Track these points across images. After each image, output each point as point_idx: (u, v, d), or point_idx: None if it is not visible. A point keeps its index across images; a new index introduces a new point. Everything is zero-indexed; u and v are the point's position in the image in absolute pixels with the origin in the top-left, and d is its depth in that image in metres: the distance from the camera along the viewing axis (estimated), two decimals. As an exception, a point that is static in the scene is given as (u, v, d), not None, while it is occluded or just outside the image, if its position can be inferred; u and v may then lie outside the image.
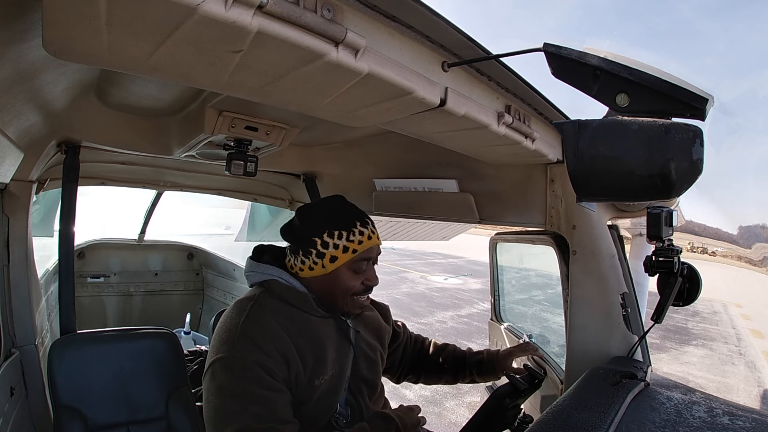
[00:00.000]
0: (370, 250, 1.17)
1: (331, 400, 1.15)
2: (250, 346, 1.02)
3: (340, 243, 1.13)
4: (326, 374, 1.12)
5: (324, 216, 1.17)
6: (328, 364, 1.13)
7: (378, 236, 1.21)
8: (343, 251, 1.13)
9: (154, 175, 2.32)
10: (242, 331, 1.05)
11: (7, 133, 1.01)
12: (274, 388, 1.01)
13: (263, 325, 1.07)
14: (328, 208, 1.20)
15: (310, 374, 1.09)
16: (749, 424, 0.84)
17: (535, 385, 1.24)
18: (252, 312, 1.10)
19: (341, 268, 1.14)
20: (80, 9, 0.47)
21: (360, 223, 1.17)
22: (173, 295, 3.51)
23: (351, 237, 1.14)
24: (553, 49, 0.74)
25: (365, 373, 1.24)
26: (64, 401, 1.38)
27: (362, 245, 1.14)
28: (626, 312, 1.27)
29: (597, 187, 0.99)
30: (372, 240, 1.17)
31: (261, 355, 1.02)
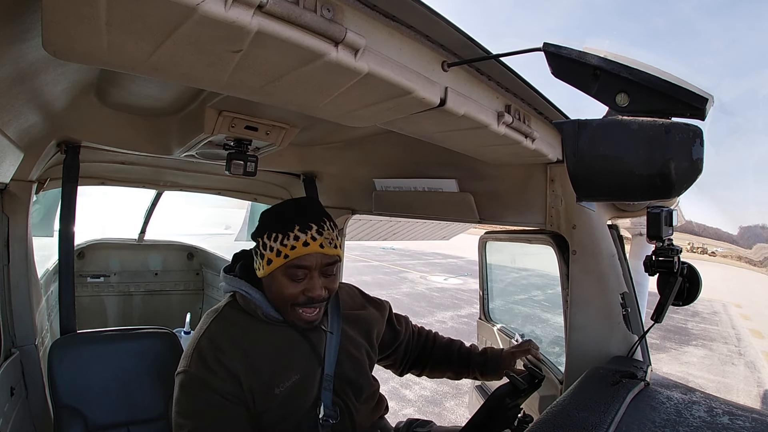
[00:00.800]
0: (305, 258, 1.09)
1: (298, 404, 1.14)
2: (199, 365, 1.08)
3: (275, 246, 1.10)
4: (287, 381, 1.13)
5: (272, 217, 1.16)
6: (288, 371, 1.13)
7: (323, 244, 1.11)
8: (276, 255, 1.09)
9: (153, 174, 2.32)
10: (197, 347, 1.11)
11: (6, 133, 1.01)
12: (219, 406, 1.06)
13: (217, 342, 1.11)
14: (280, 210, 1.17)
15: (267, 384, 1.10)
16: (749, 423, 0.84)
17: (535, 384, 1.24)
18: (211, 326, 1.15)
19: (276, 272, 1.11)
20: (80, 9, 0.47)
21: (300, 228, 1.10)
22: (173, 294, 3.51)
23: (285, 241, 1.09)
24: (552, 49, 0.74)
25: (350, 375, 1.24)
26: (64, 401, 1.38)
27: (294, 251, 1.08)
28: (626, 312, 1.27)
29: (597, 187, 0.99)
30: (309, 247, 1.09)
31: (208, 374, 1.07)
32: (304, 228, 1.10)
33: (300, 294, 1.11)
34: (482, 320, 2.40)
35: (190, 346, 1.14)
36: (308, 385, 1.17)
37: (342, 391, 1.22)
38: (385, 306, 1.49)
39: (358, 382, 1.27)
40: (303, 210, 1.16)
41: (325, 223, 1.15)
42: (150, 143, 1.56)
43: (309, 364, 1.18)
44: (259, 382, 1.10)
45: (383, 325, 1.45)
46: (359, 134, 1.64)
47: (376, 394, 1.35)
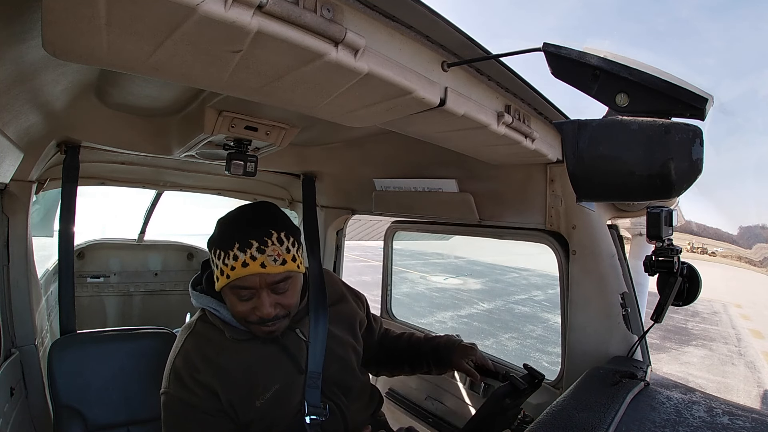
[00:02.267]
0: (245, 279, 1.02)
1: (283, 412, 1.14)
2: (177, 385, 1.09)
3: (219, 264, 1.05)
4: (268, 392, 1.12)
5: (218, 229, 1.11)
6: (268, 382, 1.13)
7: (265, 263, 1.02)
8: (221, 273, 1.05)
9: (153, 175, 2.32)
10: (173, 367, 1.12)
11: (6, 133, 1.01)
12: (203, 422, 1.08)
13: (191, 361, 1.11)
14: (227, 221, 1.12)
15: (247, 397, 1.10)
16: (749, 423, 0.84)
17: (535, 385, 1.24)
18: (185, 344, 1.15)
19: (225, 290, 1.07)
20: (80, 9, 0.47)
21: (239, 246, 1.02)
22: (173, 295, 3.50)
23: (226, 260, 1.03)
24: (552, 49, 0.74)
25: (336, 376, 1.24)
26: (64, 401, 1.38)
27: (234, 272, 1.02)
28: (626, 312, 1.27)
29: (597, 187, 0.99)
30: (248, 268, 1.01)
31: (187, 394, 1.08)
32: (243, 246, 1.02)
33: (250, 312, 1.07)
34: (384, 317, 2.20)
35: (168, 364, 1.14)
36: (291, 392, 1.16)
37: (330, 392, 1.22)
38: (362, 298, 1.48)
39: (346, 382, 1.27)
40: (247, 223, 1.08)
41: (271, 236, 1.06)
42: (150, 143, 1.56)
43: (289, 372, 1.17)
44: (238, 396, 1.09)
45: (364, 317, 1.43)
46: (359, 134, 1.64)
47: (367, 387, 1.35)
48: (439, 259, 16.51)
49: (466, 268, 14.51)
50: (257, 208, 1.14)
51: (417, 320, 7.63)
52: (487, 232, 1.60)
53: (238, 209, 1.15)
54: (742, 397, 5.33)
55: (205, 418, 1.08)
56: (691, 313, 9.99)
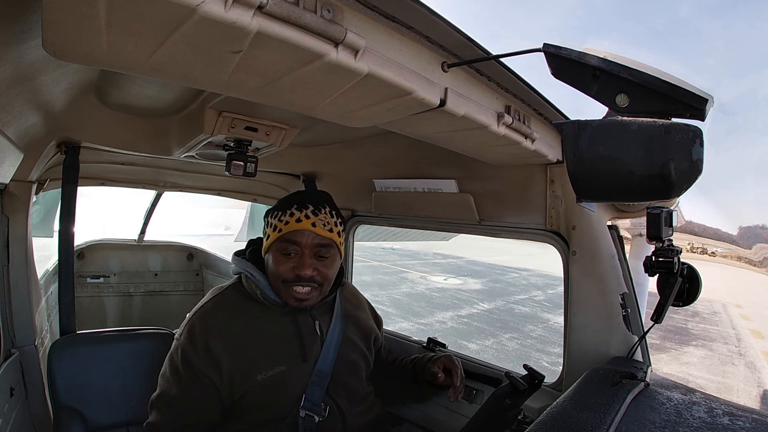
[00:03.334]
0: (295, 233, 1.16)
1: (281, 394, 1.17)
2: (188, 339, 1.17)
3: (273, 222, 1.20)
4: (272, 370, 1.17)
5: (281, 199, 1.26)
6: (274, 360, 1.18)
7: (315, 223, 1.17)
8: (272, 229, 1.19)
9: (153, 175, 2.32)
10: (190, 321, 1.21)
11: (6, 133, 1.01)
12: (191, 379, 1.14)
13: (208, 319, 1.20)
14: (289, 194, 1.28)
15: (249, 368, 1.15)
16: (749, 424, 0.83)
17: (536, 385, 1.23)
18: (209, 303, 1.24)
19: (271, 248, 1.19)
20: (80, 9, 0.47)
21: (297, 206, 1.18)
22: (173, 295, 3.50)
23: (282, 217, 1.18)
24: (552, 50, 0.74)
25: (345, 379, 1.26)
26: (63, 402, 1.38)
27: (288, 226, 1.16)
28: (626, 312, 1.27)
29: (597, 188, 0.99)
30: (301, 224, 1.16)
31: (191, 350, 1.16)
32: (301, 207, 1.19)
33: (290, 271, 1.17)
34: None
35: (187, 317, 1.23)
36: (294, 380, 1.19)
37: (335, 393, 1.24)
38: (380, 320, 1.54)
39: (353, 386, 1.28)
40: (307, 195, 1.25)
41: (324, 208, 1.21)
42: (150, 144, 1.56)
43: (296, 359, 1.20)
44: (242, 365, 1.15)
45: (379, 336, 1.48)
46: (359, 135, 1.64)
47: (371, 396, 1.37)
48: (439, 259, 16.51)
49: (466, 268, 14.51)
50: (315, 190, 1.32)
51: (417, 320, 7.64)
52: (490, 231, 1.59)
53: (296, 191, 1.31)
54: (742, 398, 5.33)
55: (195, 377, 1.14)
56: (691, 314, 9.99)
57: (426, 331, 7.05)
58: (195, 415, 1.15)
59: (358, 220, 2.08)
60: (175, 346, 1.20)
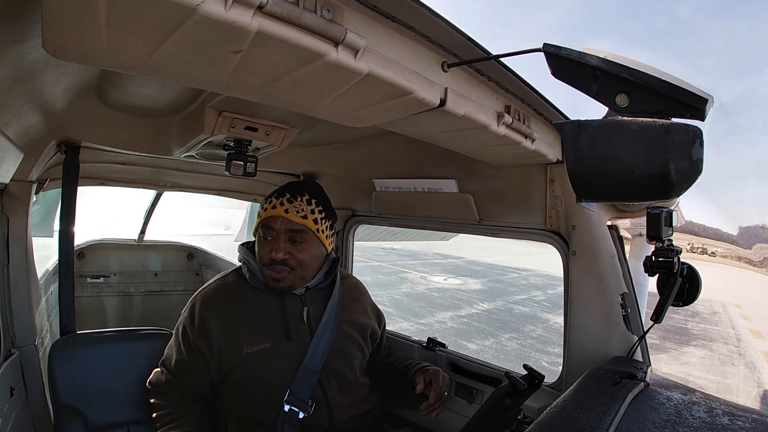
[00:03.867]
0: (270, 219, 1.28)
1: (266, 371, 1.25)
2: (187, 315, 1.33)
3: (259, 210, 1.34)
4: (257, 345, 1.26)
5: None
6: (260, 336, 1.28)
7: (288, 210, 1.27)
8: (257, 216, 1.33)
9: (153, 175, 2.31)
10: (193, 300, 1.35)
11: (6, 133, 1.01)
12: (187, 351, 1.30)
13: (207, 299, 1.33)
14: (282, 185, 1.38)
15: (237, 341, 1.26)
16: (749, 424, 0.84)
17: (535, 385, 1.23)
18: (211, 285, 1.38)
19: (256, 234, 1.33)
20: (80, 9, 0.47)
21: (277, 195, 1.31)
22: (173, 295, 3.50)
23: (264, 205, 1.32)
24: (552, 50, 0.74)
25: (336, 365, 1.31)
26: (64, 401, 1.38)
27: (266, 212, 1.29)
28: (626, 312, 1.27)
29: (596, 188, 0.99)
30: (276, 210, 1.27)
31: (189, 324, 1.31)
32: (279, 195, 1.30)
33: (267, 254, 1.28)
34: None
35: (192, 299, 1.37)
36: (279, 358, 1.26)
37: (326, 381, 1.29)
38: (381, 318, 1.56)
39: (344, 374, 1.33)
40: (291, 184, 1.36)
41: (302, 196, 1.31)
42: (150, 144, 1.56)
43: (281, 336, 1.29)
44: (230, 339, 1.27)
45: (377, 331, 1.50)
46: (359, 135, 1.64)
47: (363, 389, 1.39)
48: (439, 259, 16.51)
49: (466, 268, 14.50)
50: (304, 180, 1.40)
51: (417, 320, 7.63)
52: (490, 231, 1.59)
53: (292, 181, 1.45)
54: (742, 398, 5.33)
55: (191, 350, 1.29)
56: (690, 314, 9.99)
57: (426, 331, 7.05)
58: (188, 380, 1.31)
59: (357, 219, 2.08)
60: (180, 321, 1.35)
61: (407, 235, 5.51)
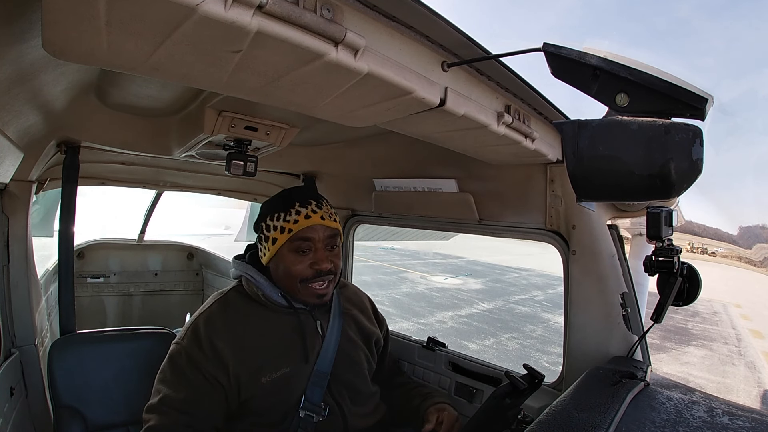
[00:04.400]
0: (308, 230, 1.16)
1: (285, 396, 1.17)
2: (191, 341, 1.15)
3: (278, 224, 1.17)
4: (276, 373, 1.16)
5: (272, 201, 1.24)
6: (279, 362, 1.17)
7: (324, 216, 1.18)
8: (280, 232, 1.16)
9: (153, 175, 2.32)
10: (194, 324, 1.18)
11: (6, 133, 1.01)
12: (197, 383, 1.11)
13: (213, 322, 1.17)
14: (280, 195, 1.25)
15: (255, 371, 1.14)
16: (749, 424, 0.84)
17: (535, 384, 1.23)
18: (213, 306, 1.22)
19: (282, 250, 1.17)
20: (80, 9, 0.47)
21: (300, 204, 1.18)
22: (173, 295, 3.50)
23: (287, 217, 1.16)
24: (552, 49, 0.74)
25: (346, 377, 1.25)
26: (63, 401, 1.38)
27: (297, 224, 1.16)
28: (626, 312, 1.27)
29: (596, 187, 0.99)
30: (311, 219, 1.16)
31: (197, 352, 1.13)
32: (304, 203, 1.18)
33: (307, 268, 1.17)
34: None
35: (189, 322, 1.21)
36: (297, 381, 1.19)
37: (338, 393, 1.23)
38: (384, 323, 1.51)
39: (356, 385, 1.28)
40: (300, 191, 1.25)
41: (322, 200, 1.23)
42: (150, 143, 1.56)
43: (300, 360, 1.20)
44: (248, 368, 1.14)
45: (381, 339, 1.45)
46: (359, 134, 1.64)
47: (375, 397, 1.35)
48: (440, 259, 16.51)
49: (466, 268, 14.50)
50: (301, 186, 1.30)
51: (417, 320, 7.63)
52: (490, 231, 1.59)
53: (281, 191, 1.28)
54: (742, 398, 5.33)
55: (202, 381, 1.11)
56: (691, 313, 9.99)
57: (426, 331, 7.05)
58: (203, 418, 1.11)
59: (358, 219, 2.08)
60: (177, 350, 1.16)
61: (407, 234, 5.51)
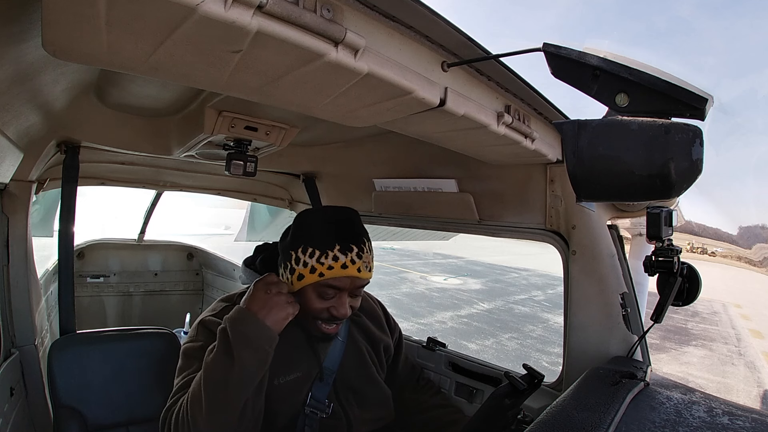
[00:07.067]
0: (339, 280, 1.07)
1: (295, 399, 1.17)
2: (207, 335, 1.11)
3: (310, 262, 1.06)
4: (289, 376, 1.15)
5: (309, 229, 1.12)
6: (291, 366, 1.16)
7: (360, 268, 1.09)
8: (310, 271, 1.06)
9: (153, 175, 2.32)
10: (204, 322, 1.15)
11: (6, 133, 1.01)
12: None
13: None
14: (319, 222, 1.14)
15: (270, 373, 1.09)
16: (749, 424, 0.83)
17: (535, 385, 1.23)
18: (223, 310, 1.16)
19: (307, 288, 1.09)
20: (80, 9, 0.47)
21: (340, 248, 1.07)
22: (173, 295, 3.50)
23: (322, 259, 1.06)
24: (552, 49, 0.74)
25: (353, 382, 1.25)
26: (63, 401, 1.38)
27: (332, 271, 1.06)
28: (626, 312, 1.27)
29: (596, 187, 0.99)
30: (347, 270, 1.06)
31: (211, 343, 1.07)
32: (345, 249, 1.07)
33: (324, 311, 1.11)
34: None
35: (197, 322, 1.18)
36: (306, 385, 1.20)
37: (344, 397, 1.24)
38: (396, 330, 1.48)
39: (363, 391, 1.27)
40: (344, 227, 1.11)
41: (365, 244, 1.12)
42: (150, 143, 1.56)
43: (311, 365, 1.21)
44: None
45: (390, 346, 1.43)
46: (359, 134, 1.64)
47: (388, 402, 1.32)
48: (440, 259, 16.51)
49: (466, 268, 14.51)
50: (348, 213, 1.16)
51: (417, 320, 7.63)
52: (490, 231, 1.59)
53: (325, 209, 1.20)
54: (742, 398, 5.33)
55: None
56: (690, 313, 9.99)
57: (426, 331, 7.05)
58: None
59: None
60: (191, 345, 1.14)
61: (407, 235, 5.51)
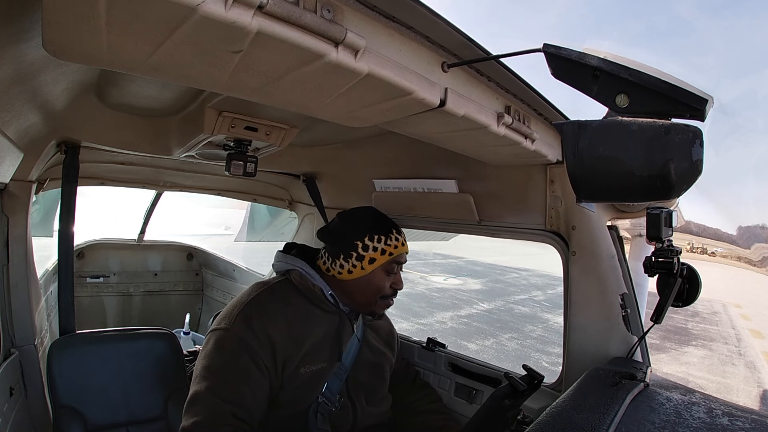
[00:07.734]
0: (401, 256, 1.32)
1: (316, 390, 1.23)
2: (243, 325, 1.15)
3: (379, 246, 1.27)
4: (314, 366, 1.22)
5: (368, 222, 1.32)
6: (318, 357, 1.24)
7: (405, 244, 1.34)
8: (381, 253, 1.27)
9: (153, 175, 2.32)
10: (243, 309, 1.19)
11: (6, 133, 1.01)
12: (246, 371, 1.11)
13: (264, 308, 1.20)
14: (371, 216, 1.35)
15: (299, 360, 1.19)
16: (749, 424, 0.83)
17: (535, 385, 1.23)
18: (262, 294, 1.25)
19: (377, 269, 1.28)
20: (80, 9, 0.47)
21: (396, 231, 1.33)
22: (173, 295, 3.50)
23: (389, 241, 1.29)
24: (552, 50, 0.74)
25: (364, 379, 1.33)
26: (63, 401, 1.38)
27: (397, 249, 1.30)
28: (626, 312, 1.27)
29: (596, 188, 0.99)
30: (404, 246, 1.33)
31: (250, 336, 1.14)
32: (398, 232, 1.33)
33: (388, 287, 1.31)
34: None
35: (234, 307, 1.21)
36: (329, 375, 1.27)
37: (354, 392, 1.30)
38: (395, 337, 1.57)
39: (374, 386, 1.36)
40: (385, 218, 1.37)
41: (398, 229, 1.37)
42: (150, 143, 1.56)
43: (335, 357, 1.28)
44: (293, 355, 1.19)
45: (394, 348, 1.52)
46: (359, 135, 1.64)
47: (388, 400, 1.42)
48: (439, 259, 16.51)
49: (465, 268, 14.51)
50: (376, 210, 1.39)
51: (416, 320, 7.63)
52: (490, 231, 1.59)
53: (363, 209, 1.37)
54: (742, 398, 5.33)
55: (251, 369, 1.12)
56: (690, 314, 9.99)
57: (426, 332, 7.05)
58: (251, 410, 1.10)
59: None
60: (226, 335, 1.14)
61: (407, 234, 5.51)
